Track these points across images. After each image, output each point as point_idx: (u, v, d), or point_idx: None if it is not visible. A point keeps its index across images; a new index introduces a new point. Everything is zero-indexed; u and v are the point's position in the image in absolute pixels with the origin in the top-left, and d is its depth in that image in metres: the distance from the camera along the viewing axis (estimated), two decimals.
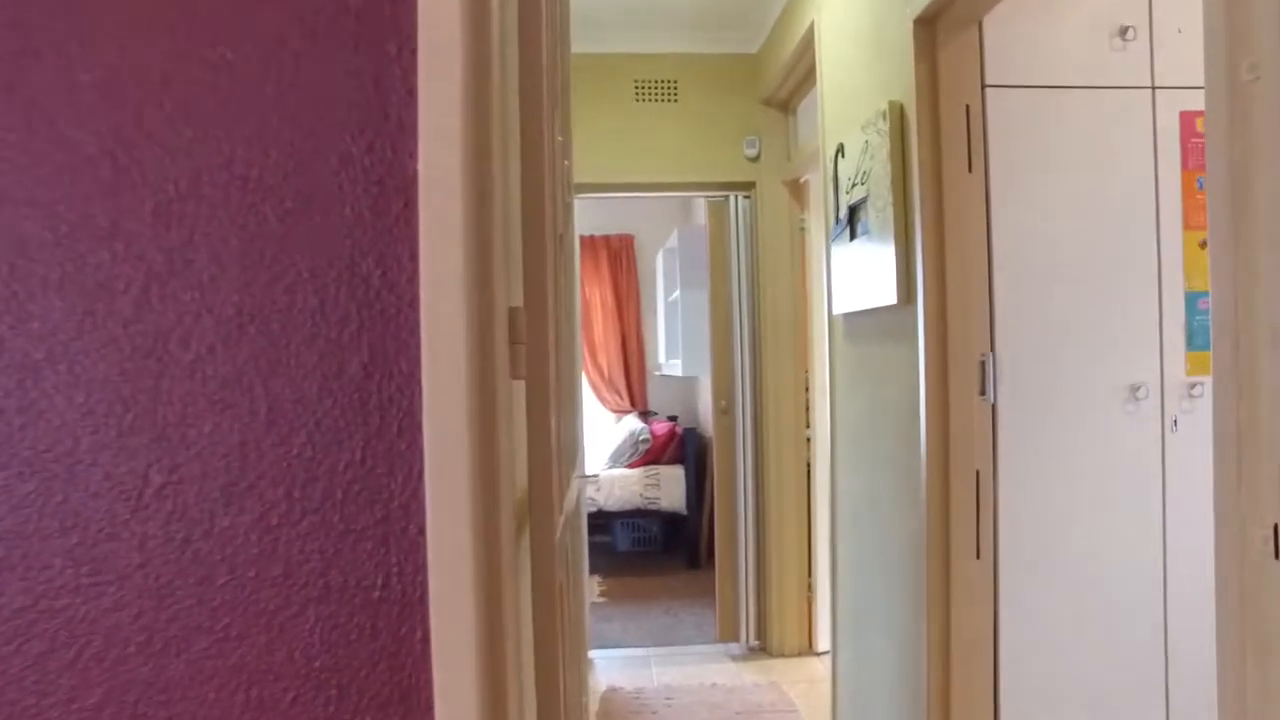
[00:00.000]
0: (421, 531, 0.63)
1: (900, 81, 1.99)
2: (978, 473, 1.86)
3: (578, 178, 3.71)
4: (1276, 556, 0.89)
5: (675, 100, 3.73)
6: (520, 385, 0.81)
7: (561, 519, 0.94)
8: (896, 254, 1.99)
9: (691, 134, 3.71)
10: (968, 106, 1.87)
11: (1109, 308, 1.90)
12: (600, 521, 5.52)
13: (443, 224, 0.62)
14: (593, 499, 5.32)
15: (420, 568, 0.63)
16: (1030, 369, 1.87)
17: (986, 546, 1.85)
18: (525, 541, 0.80)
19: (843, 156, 2.38)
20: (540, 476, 0.80)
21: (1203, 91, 1.97)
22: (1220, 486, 0.98)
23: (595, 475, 5.38)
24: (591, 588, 4.99)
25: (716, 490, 3.93)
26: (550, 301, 0.85)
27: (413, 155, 0.64)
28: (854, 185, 2.28)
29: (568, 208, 1.48)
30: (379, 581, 0.64)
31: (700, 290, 3.96)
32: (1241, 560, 0.96)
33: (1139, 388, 1.90)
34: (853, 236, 2.32)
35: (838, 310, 2.49)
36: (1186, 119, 1.94)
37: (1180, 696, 1.93)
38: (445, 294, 0.62)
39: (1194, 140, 1.94)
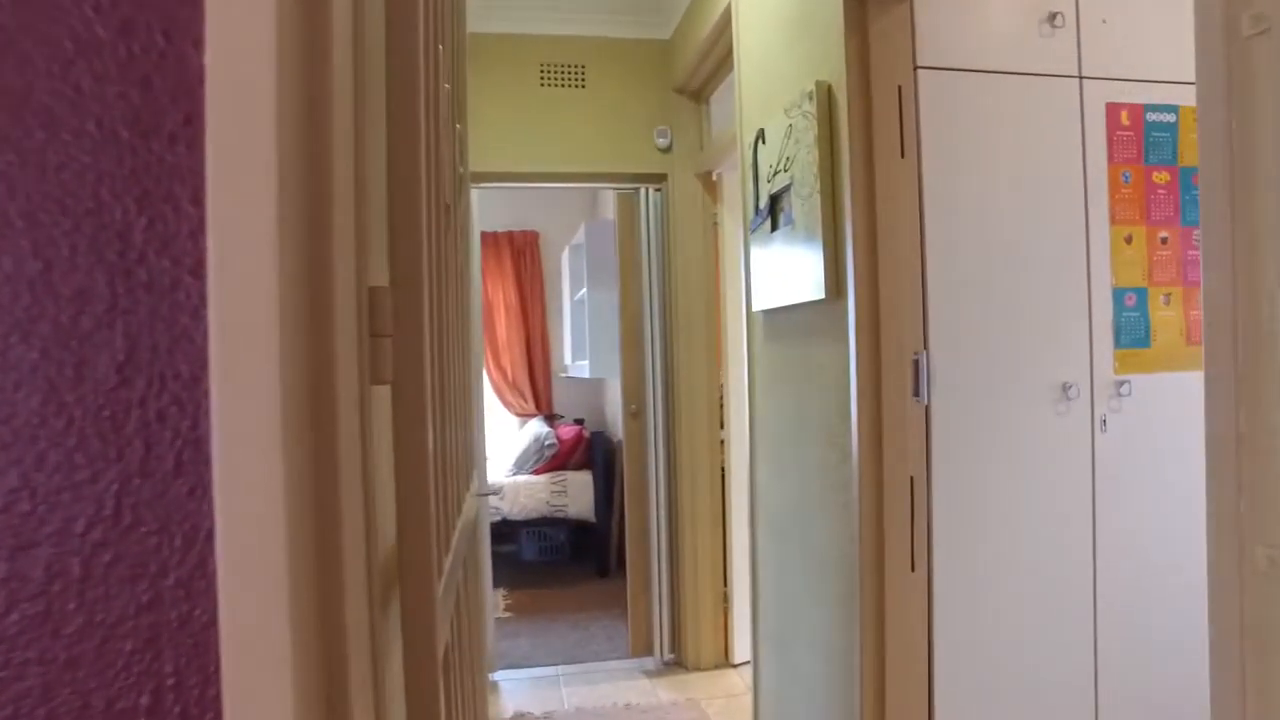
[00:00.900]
0: (212, 624, 0.41)
1: (828, 60, 1.85)
2: (911, 480, 1.74)
3: (477, 166, 3.46)
4: None
5: (583, 86, 3.52)
6: (385, 392, 0.59)
7: (444, 575, 0.73)
8: (824, 245, 1.86)
9: (600, 122, 3.51)
10: (900, 87, 1.74)
11: (1041, 303, 1.82)
12: (505, 530, 5.25)
13: (246, 147, 0.40)
14: (496, 508, 5.05)
15: (209, 680, 0.41)
16: (963, 368, 1.77)
17: (922, 559, 1.73)
18: (392, 615, 0.58)
19: (763, 143, 2.24)
20: (413, 521, 0.58)
21: (1128, 84, 1.91)
22: (1216, 500, 0.86)
23: (499, 488, 5.11)
24: (496, 602, 4.73)
25: (627, 497, 3.75)
26: (428, 281, 0.64)
27: (199, 42, 0.42)
28: (776, 173, 2.14)
29: (461, 178, 1.25)
30: (141, 705, 0.41)
31: (608, 289, 3.77)
32: (1241, 583, 0.85)
33: (1070, 387, 1.82)
34: (774, 228, 2.18)
35: (757, 306, 2.34)
36: (1112, 111, 1.88)
37: (1108, 695, 1.86)
38: (249, 256, 0.40)
39: (1119, 133, 1.88)
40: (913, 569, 1.74)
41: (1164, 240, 1.91)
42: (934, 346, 1.74)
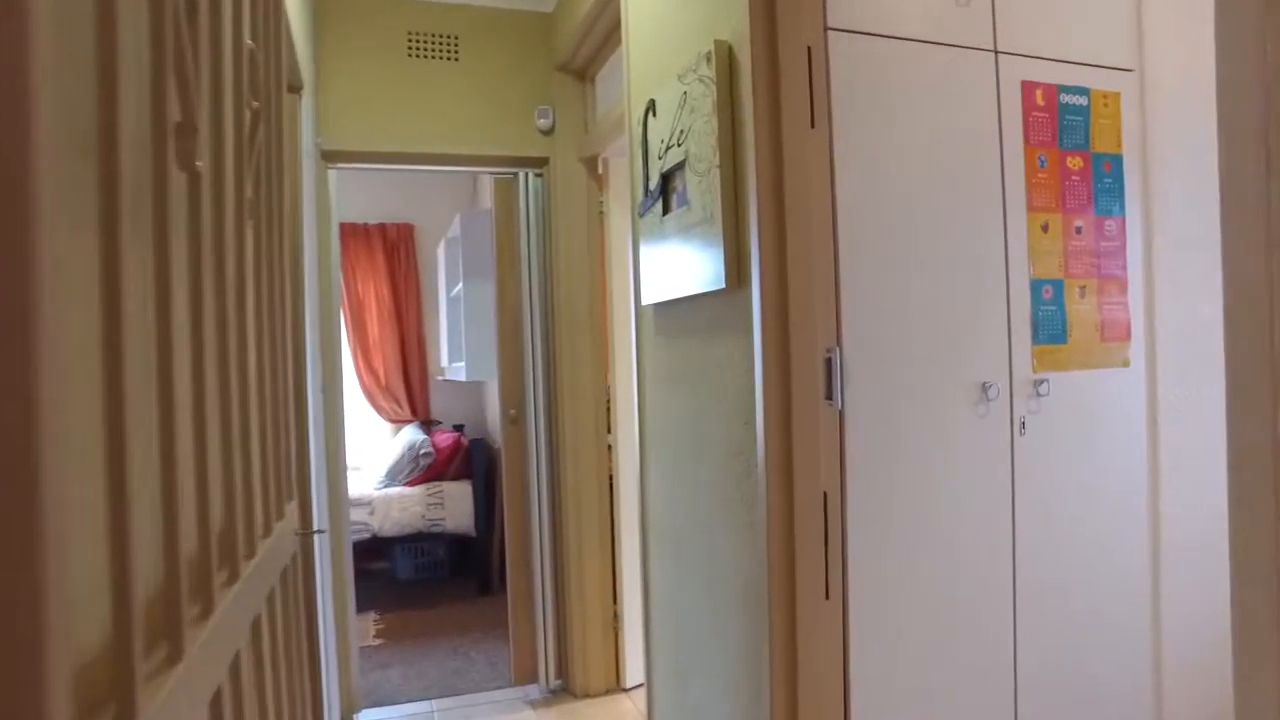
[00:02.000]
0: None
1: (729, 18, 1.62)
2: (825, 495, 1.53)
3: (336, 143, 3.06)
4: None
5: (456, 59, 3.18)
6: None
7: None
8: (724, 228, 1.63)
9: (475, 100, 3.19)
10: (809, 49, 1.53)
11: (960, 294, 1.66)
12: (377, 547, 4.81)
13: None
14: (365, 524, 4.61)
15: None
16: (879, 367, 1.58)
17: (837, 584, 1.53)
18: None
19: (654, 115, 1.99)
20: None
21: (1042, 62, 1.78)
22: (1242, 528, 0.67)
23: (368, 501, 4.66)
24: (366, 628, 4.30)
25: (506, 510, 3.43)
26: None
27: None
28: (669, 148, 1.89)
29: (255, 114, 0.92)
30: None
31: (486, 283, 3.44)
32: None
33: (990, 386, 1.67)
34: (666, 210, 1.94)
35: (648, 299, 2.10)
36: (1028, 89, 1.75)
37: (1028, 711, 1.72)
38: None
39: (1035, 114, 1.75)
40: (827, 596, 1.53)
41: (1079, 230, 1.79)
42: (848, 343, 1.54)
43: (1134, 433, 1.85)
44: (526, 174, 3.25)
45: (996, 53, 1.72)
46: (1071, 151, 1.78)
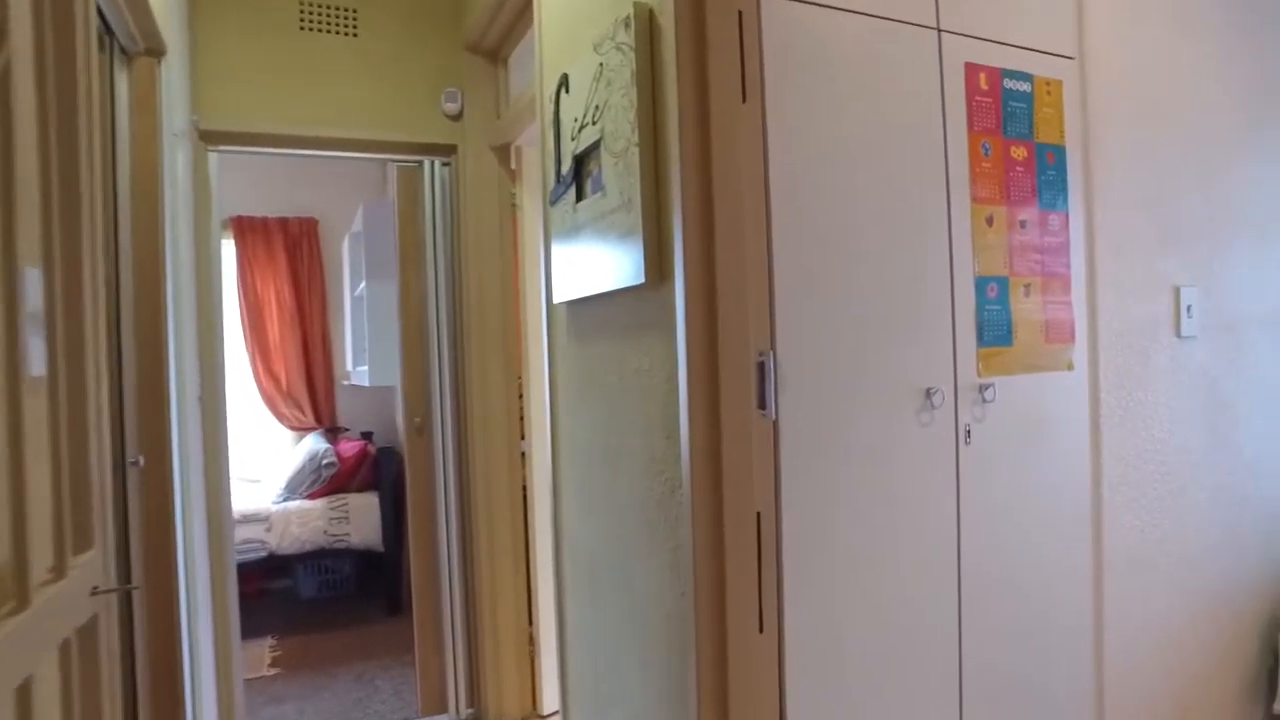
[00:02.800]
0: None
1: None
2: (758, 516, 1.35)
3: (216, 122, 2.74)
4: None
5: (354, 34, 2.91)
6: None
7: None
8: (644, 215, 1.44)
9: (375, 80, 2.92)
10: (740, 13, 1.36)
11: (904, 293, 1.51)
12: (277, 565, 4.44)
13: None
14: (261, 542, 4.25)
15: None
16: (817, 372, 1.41)
17: (772, 616, 1.35)
18: None
19: (567, 91, 1.79)
20: None
21: (985, 44, 1.64)
22: None
23: (264, 516, 4.29)
24: (261, 657, 3.94)
25: (411, 525, 3.17)
26: None
27: None
28: (583, 126, 1.69)
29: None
30: None
31: (389, 282, 3.17)
32: None
33: (935, 392, 1.52)
34: (580, 197, 1.73)
35: (560, 297, 1.89)
36: (971, 72, 1.62)
37: None
38: None
39: (979, 98, 1.62)
40: (761, 629, 1.35)
41: (1023, 224, 1.67)
42: (783, 346, 1.37)
43: (1078, 439, 1.75)
44: (432, 162, 3.00)
45: (939, 30, 1.58)
46: (1015, 140, 1.66)
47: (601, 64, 1.58)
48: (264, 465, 5.21)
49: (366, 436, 5.27)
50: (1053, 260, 1.71)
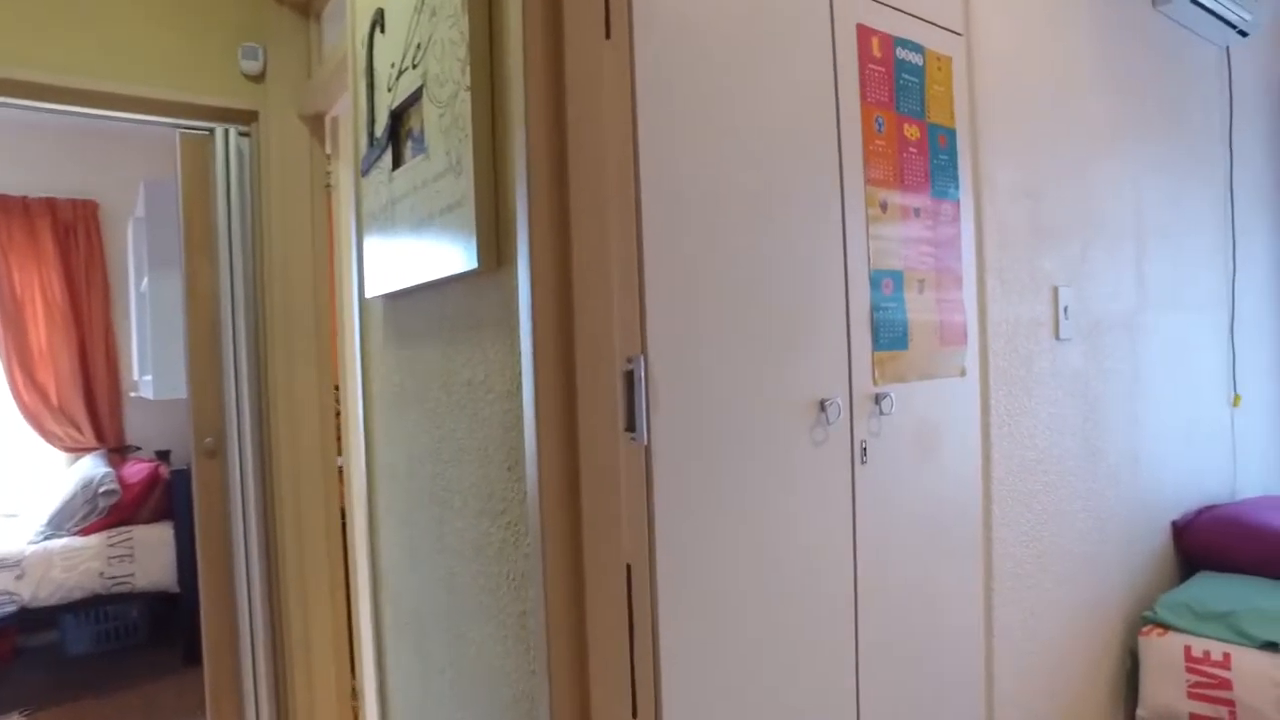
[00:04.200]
0: None
1: None
2: (629, 568, 1.06)
3: None
4: None
5: None
6: None
7: None
8: (477, 179, 1.10)
9: (156, 23, 2.38)
10: None
11: (794, 287, 1.26)
12: (33, 620, 3.67)
13: None
14: (9, 594, 3.49)
15: None
16: (695, 384, 1.13)
17: (648, 696, 1.05)
18: None
19: (382, 31, 1.42)
20: None
21: (878, 6, 1.43)
22: None
23: (15, 561, 3.53)
24: None
25: (201, 566, 2.63)
26: None
27: None
28: (401, 73, 1.33)
29: None
30: None
31: (177, 274, 2.62)
32: None
33: (830, 404, 1.29)
34: (398, 163, 1.37)
35: (374, 290, 1.51)
36: (863, 35, 1.40)
37: None
38: None
39: (871, 66, 1.41)
40: (635, 713, 1.05)
41: (917, 212, 1.48)
42: (655, 351, 1.08)
43: (971, 453, 1.58)
44: (227, 130, 2.49)
45: None
46: (908, 118, 1.47)
47: None
48: (25, 496, 4.36)
49: (163, 456, 4.54)
50: (946, 254, 1.53)
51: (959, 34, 1.60)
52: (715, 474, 1.13)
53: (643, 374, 1.06)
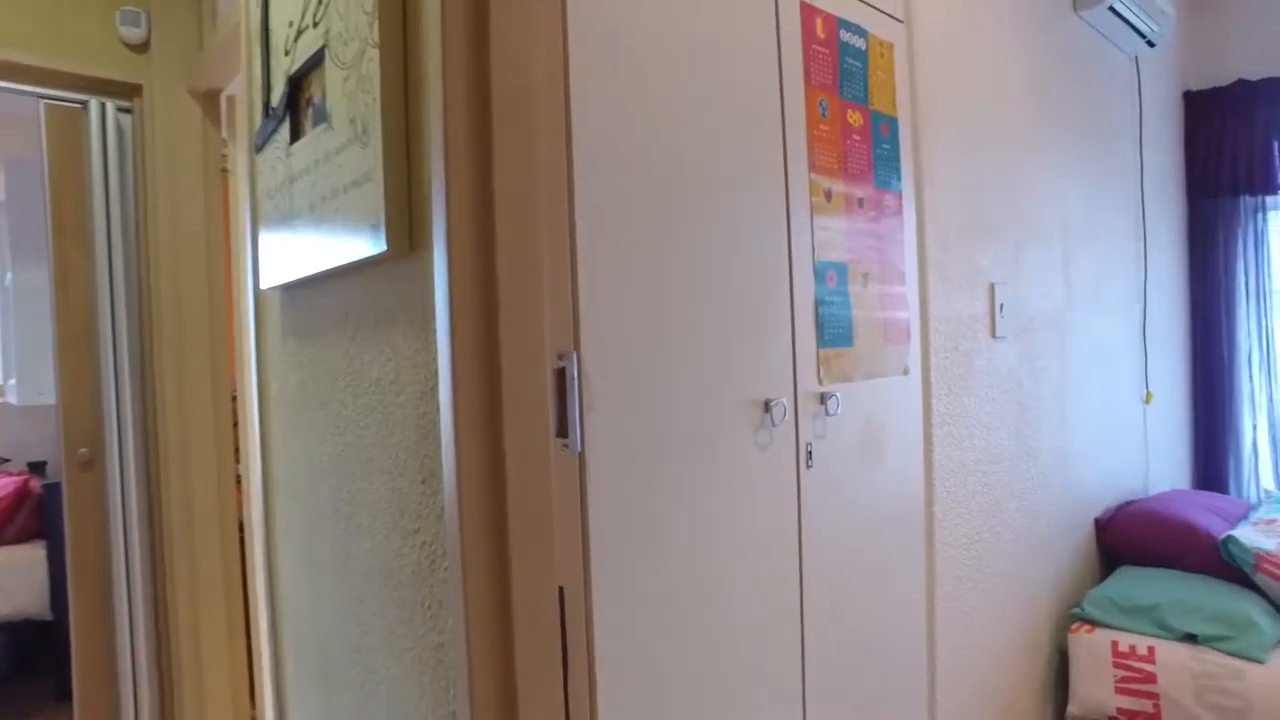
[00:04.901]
0: None
1: None
2: (562, 591, 0.93)
3: None
4: None
5: None
6: None
7: None
8: (387, 150, 0.97)
9: None
10: None
11: (737, 278, 1.17)
12: None
13: None
14: None
15: None
16: (633, 383, 1.02)
17: None
18: None
19: None
20: None
21: None
22: None
23: None
24: None
25: (73, 591, 2.36)
26: None
27: None
28: (300, 33, 1.18)
29: None
30: None
31: (45, 266, 2.34)
32: None
33: (775, 404, 1.20)
34: (297, 135, 1.21)
35: (271, 280, 1.34)
36: (807, 15, 1.32)
37: None
38: None
39: (815, 47, 1.33)
40: None
41: (860, 203, 1.41)
42: (589, 347, 0.96)
43: (913, 454, 1.52)
44: (104, 105, 2.25)
45: None
46: (852, 104, 1.40)
47: None
48: None
49: (36, 469, 4.13)
50: (889, 247, 1.47)
51: (900, 20, 1.54)
52: (655, 484, 1.02)
53: (575, 373, 0.94)
